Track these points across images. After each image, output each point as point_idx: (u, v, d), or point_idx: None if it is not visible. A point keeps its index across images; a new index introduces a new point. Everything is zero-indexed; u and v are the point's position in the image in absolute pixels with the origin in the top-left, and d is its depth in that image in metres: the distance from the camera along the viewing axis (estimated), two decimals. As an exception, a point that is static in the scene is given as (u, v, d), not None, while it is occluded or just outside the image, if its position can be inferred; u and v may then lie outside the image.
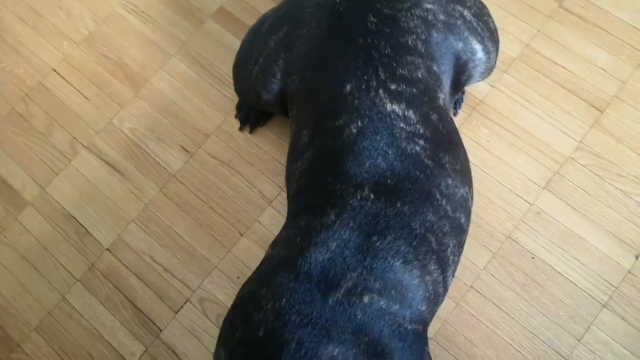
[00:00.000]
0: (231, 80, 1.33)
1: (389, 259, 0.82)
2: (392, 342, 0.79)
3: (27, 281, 1.21)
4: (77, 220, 1.25)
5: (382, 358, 0.77)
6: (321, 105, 0.95)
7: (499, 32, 1.15)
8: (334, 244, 0.82)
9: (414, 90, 0.93)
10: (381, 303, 0.80)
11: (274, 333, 0.76)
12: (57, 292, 1.20)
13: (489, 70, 1.11)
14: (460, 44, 1.01)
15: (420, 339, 0.84)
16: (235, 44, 1.37)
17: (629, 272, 1.13)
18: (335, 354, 0.75)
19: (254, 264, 1.18)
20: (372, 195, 0.85)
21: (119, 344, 1.15)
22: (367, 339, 0.77)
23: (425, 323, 0.87)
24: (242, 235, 1.21)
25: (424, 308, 0.85)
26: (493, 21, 1.11)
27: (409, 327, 0.82)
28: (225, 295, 1.16)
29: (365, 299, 0.79)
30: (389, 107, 0.91)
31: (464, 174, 0.96)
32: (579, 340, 1.09)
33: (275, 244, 0.92)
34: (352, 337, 0.77)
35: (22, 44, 1.43)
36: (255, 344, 0.77)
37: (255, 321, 0.79)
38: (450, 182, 0.91)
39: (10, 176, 1.30)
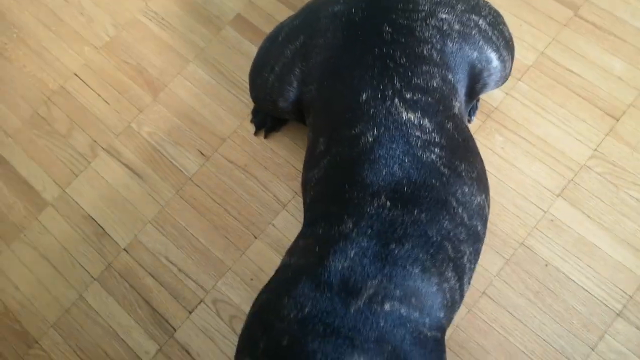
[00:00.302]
0: (247, 86, 1.35)
1: (407, 267, 0.82)
2: (414, 350, 0.79)
3: (45, 279, 1.24)
4: (95, 221, 1.28)
5: None
6: (337, 114, 0.96)
7: (514, 40, 1.15)
8: (353, 252, 0.82)
9: (429, 99, 0.94)
10: (402, 311, 0.80)
11: (299, 343, 0.76)
12: (74, 291, 1.22)
13: (504, 78, 1.12)
14: (475, 53, 1.02)
15: (440, 345, 0.84)
16: (252, 50, 1.40)
17: (644, 281, 1.12)
18: None
19: (268, 266, 1.20)
20: (388, 203, 0.86)
21: (134, 342, 1.16)
22: (390, 347, 0.77)
23: (443, 330, 0.87)
24: (256, 238, 1.22)
25: (442, 315, 0.85)
26: (508, 30, 1.12)
27: (429, 334, 0.82)
28: (238, 297, 1.18)
29: (387, 306, 0.79)
30: (404, 115, 0.91)
31: (481, 182, 0.96)
32: (593, 349, 1.08)
33: (292, 252, 0.92)
34: (376, 345, 0.76)
35: (44, 48, 1.47)
36: (280, 353, 0.77)
37: (279, 331, 0.79)
38: (466, 189, 0.91)
39: (31, 177, 1.34)
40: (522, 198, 1.20)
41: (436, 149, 0.91)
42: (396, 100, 0.92)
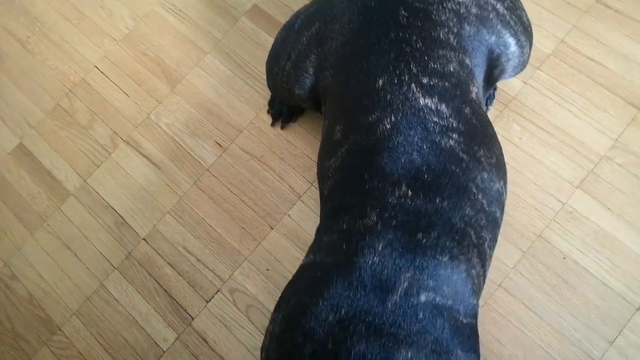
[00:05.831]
0: (263, 77, 1.36)
1: (437, 256, 0.81)
2: (454, 338, 0.79)
3: (68, 268, 1.27)
4: (115, 211, 1.30)
5: (448, 354, 0.77)
6: (353, 101, 0.95)
7: (533, 27, 1.13)
8: (381, 246, 0.82)
9: (446, 84, 0.92)
10: (437, 300, 0.79)
11: (345, 344, 0.76)
12: (95, 279, 1.25)
13: (522, 64, 1.10)
14: (493, 37, 1.00)
15: (475, 332, 0.84)
16: (268, 41, 1.40)
17: (665, 274, 1.10)
18: (409, 357, 0.75)
19: (284, 257, 1.21)
20: (410, 192, 0.85)
21: (153, 330, 1.19)
22: (432, 337, 0.77)
23: (476, 316, 0.87)
24: (272, 228, 1.23)
25: (474, 302, 0.85)
26: (527, 15, 1.09)
27: (465, 321, 0.82)
28: (255, 287, 1.19)
29: (422, 297, 0.79)
30: (421, 101, 0.90)
31: (499, 168, 0.95)
32: (611, 343, 1.06)
33: (317, 249, 0.90)
34: (419, 337, 0.76)
35: (66, 41, 1.50)
36: (329, 356, 0.76)
37: (321, 334, 0.78)
38: (486, 175, 0.90)
39: (54, 168, 1.37)
40: (540, 189, 1.18)
41: (454, 135, 0.89)
42: (413, 85, 0.91)
